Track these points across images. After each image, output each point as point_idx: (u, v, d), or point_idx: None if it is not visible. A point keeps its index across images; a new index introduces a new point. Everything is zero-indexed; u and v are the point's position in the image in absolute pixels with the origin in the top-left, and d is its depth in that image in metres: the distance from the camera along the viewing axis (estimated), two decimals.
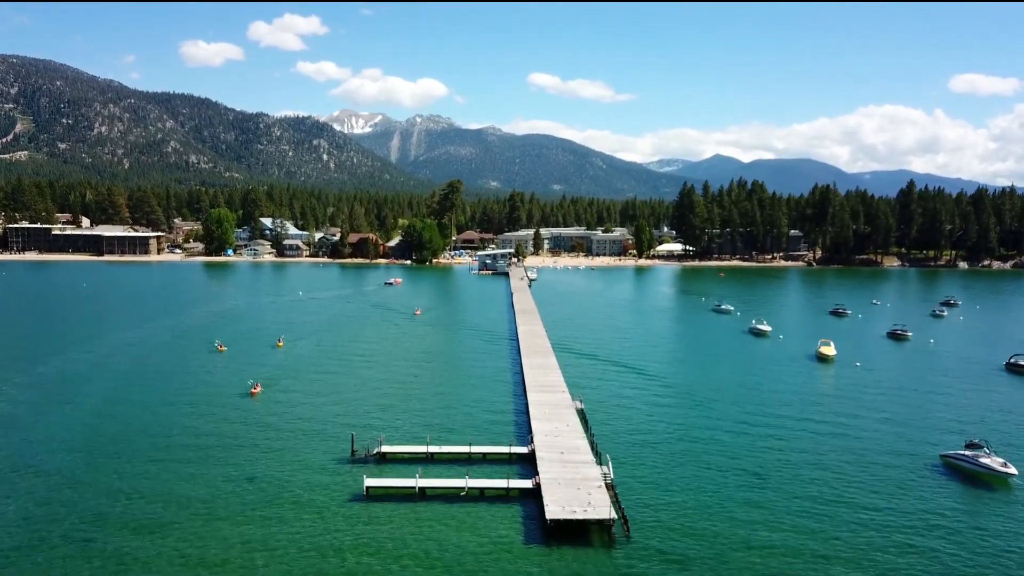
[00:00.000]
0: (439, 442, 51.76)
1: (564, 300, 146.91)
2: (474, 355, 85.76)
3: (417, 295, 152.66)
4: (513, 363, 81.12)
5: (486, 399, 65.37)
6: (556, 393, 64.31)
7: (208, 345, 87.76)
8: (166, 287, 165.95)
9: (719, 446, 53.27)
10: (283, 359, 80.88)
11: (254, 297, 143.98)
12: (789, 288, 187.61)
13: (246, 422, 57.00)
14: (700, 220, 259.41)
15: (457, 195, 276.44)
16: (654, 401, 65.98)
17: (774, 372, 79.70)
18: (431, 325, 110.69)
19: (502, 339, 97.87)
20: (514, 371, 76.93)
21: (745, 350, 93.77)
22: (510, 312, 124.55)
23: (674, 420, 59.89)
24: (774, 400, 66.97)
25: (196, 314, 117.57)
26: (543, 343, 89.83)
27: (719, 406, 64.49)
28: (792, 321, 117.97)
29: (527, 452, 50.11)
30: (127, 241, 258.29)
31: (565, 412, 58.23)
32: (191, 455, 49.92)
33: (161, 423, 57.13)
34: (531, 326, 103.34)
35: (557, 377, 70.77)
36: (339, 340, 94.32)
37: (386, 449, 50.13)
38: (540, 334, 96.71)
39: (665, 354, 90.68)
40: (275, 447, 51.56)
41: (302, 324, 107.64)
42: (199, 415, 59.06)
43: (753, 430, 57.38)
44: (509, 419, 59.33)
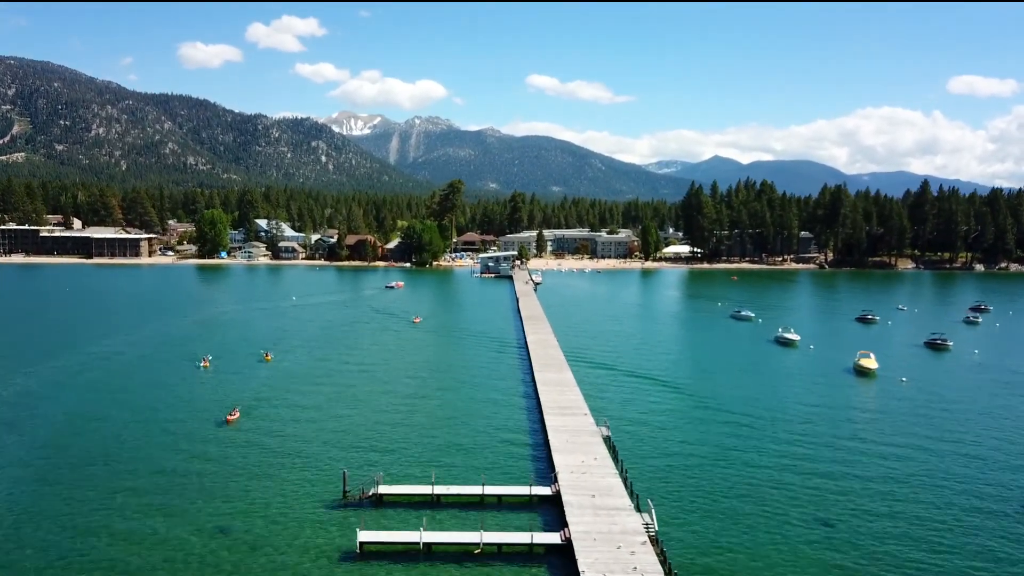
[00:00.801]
0: (446, 480, 44.04)
1: (572, 305, 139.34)
2: (481, 370, 78.04)
3: (417, 300, 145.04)
4: (525, 378, 73.45)
5: (498, 424, 57.67)
6: (577, 416, 56.65)
7: (190, 359, 79.99)
8: (154, 292, 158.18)
9: (772, 482, 45.62)
10: (269, 376, 73.07)
11: (245, 303, 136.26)
12: (805, 292, 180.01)
13: (220, 457, 49.07)
14: (709, 221, 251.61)
15: (458, 195, 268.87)
16: (687, 424, 58.33)
17: (813, 387, 72.07)
18: (433, 333, 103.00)
19: (511, 349, 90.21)
20: (527, 388, 69.25)
21: (775, 362, 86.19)
22: (517, 319, 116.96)
23: (714, 448, 52.25)
24: (821, 421, 59.36)
25: (182, 322, 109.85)
26: (556, 354, 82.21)
27: (761, 429, 56.88)
28: (818, 329, 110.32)
29: (551, 494, 42.42)
30: (117, 243, 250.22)
31: (590, 441, 50.56)
32: (154, 500, 42.18)
33: (125, 453, 49.45)
34: (541, 334, 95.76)
35: (576, 396, 63.13)
36: (332, 352, 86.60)
37: (383, 490, 42.47)
38: (551, 343, 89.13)
39: (689, 366, 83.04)
40: (252, 489, 43.75)
41: (294, 333, 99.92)
42: (169, 446, 51.26)
43: (807, 460, 49.74)
44: (526, 451, 51.57)
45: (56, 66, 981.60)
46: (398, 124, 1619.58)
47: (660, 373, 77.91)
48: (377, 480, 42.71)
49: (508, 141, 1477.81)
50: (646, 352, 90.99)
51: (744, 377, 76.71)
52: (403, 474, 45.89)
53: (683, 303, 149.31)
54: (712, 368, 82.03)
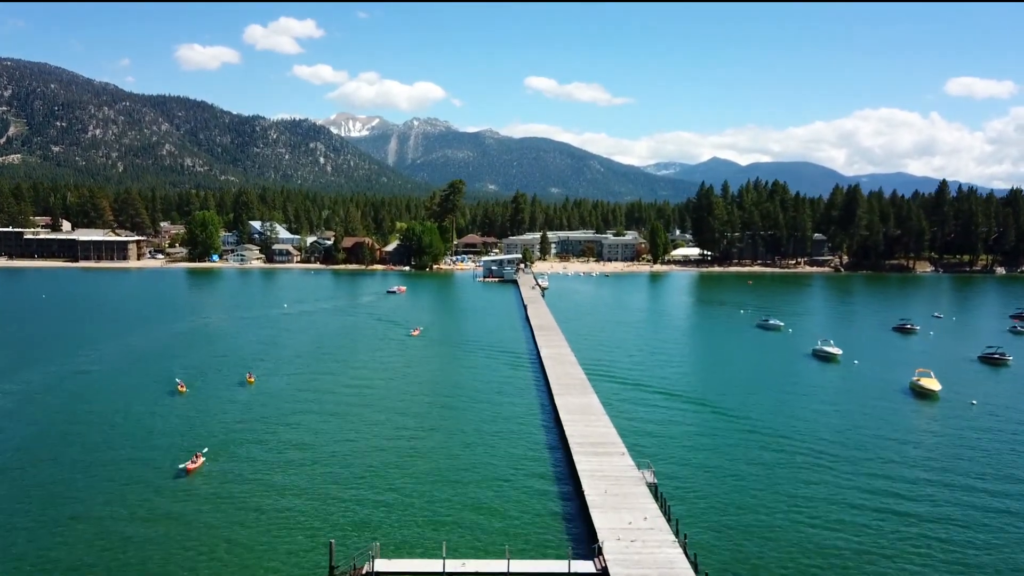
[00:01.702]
0: (460, 551, 34.70)
1: (584, 312, 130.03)
2: (492, 394, 68.48)
3: (417, 308, 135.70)
4: (543, 404, 64.06)
5: (519, 468, 48.17)
6: (612, 456, 47.25)
7: (165, 380, 70.32)
8: (137, 298, 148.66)
9: (867, 547, 36.23)
10: (250, 402, 63.47)
11: (233, 311, 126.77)
12: (826, 297, 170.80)
13: (174, 516, 39.24)
14: (720, 223, 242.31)
15: (459, 196, 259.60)
16: (741, 462, 48.89)
17: (873, 412, 62.72)
18: (435, 347, 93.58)
19: (523, 366, 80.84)
20: (547, 417, 59.88)
21: (819, 379, 76.89)
22: (526, 328, 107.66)
23: (784, 495, 42.89)
24: (903, 459, 49.95)
25: (162, 333, 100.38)
26: (575, 372, 72.85)
27: (831, 467, 47.58)
28: (856, 340, 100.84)
29: (595, 572, 33.09)
30: (104, 246, 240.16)
31: (634, 492, 41.17)
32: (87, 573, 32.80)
33: (57, 509, 39.96)
34: (555, 348, 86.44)
35: (606, 426, 53.76)
36: (323, 371, 77.12)
37: (381, 566, 33.12)
38: (568, 358, 79.81)
39: (723, 383, 73.58)
40: (206, 565, 34.34)
41: (282, 347, 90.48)
42: (114, 499, 41.54)
43: (905, 509, 40.34)
44: (556, 505, 42.03)
45: (53, 67, 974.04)
46: (396, 126, 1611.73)
47: (693, 392, 68.70)
48: (372, 552, 33.38)
49: (507, 143, 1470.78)
50: (673, 367, 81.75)
51: (790, 398, 67.42)
52: (405, 541, 36.47)
53: (702, 310, 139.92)
54: (750, 386, 72.68)
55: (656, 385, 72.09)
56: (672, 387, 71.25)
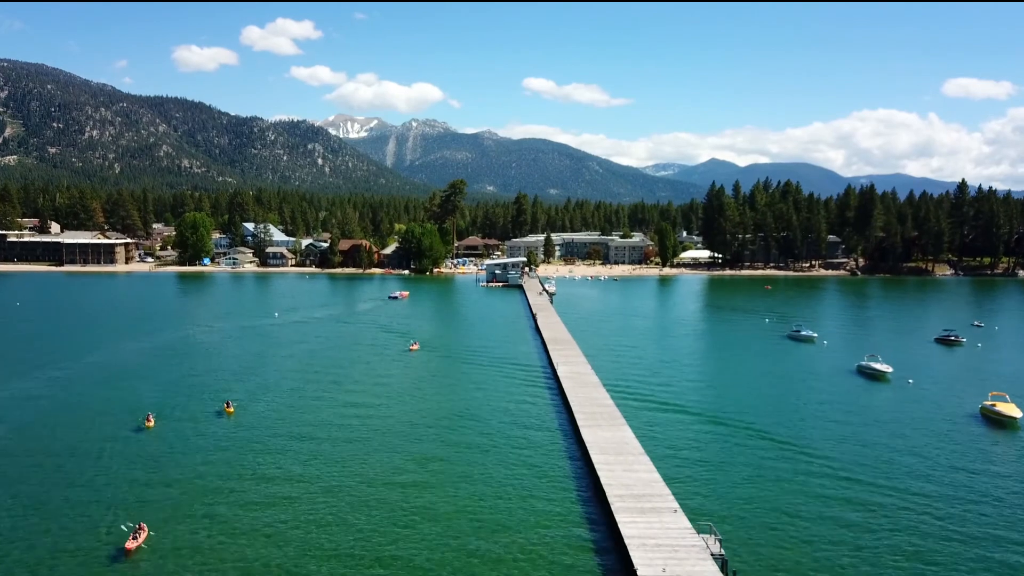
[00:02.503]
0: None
1: (597, 321, 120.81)
2: (506, 426, 59.08)
3: (416, 316, 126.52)
4: (568, 439, 54.75)
5: (545, 533, 38.93)
6: (663, 514, 38.00)
7: (131, 409, 60.88)
8: (118, 305, 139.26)
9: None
10: (224, 441, 53.83)
11: (220, 320, 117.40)
12: (850, 303, 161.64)
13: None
14: (731, 224, 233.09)
15: (460, 197, 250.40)
16: (825, 522, 39.68)
17: (954, 447, 53.48)
18: (437, 364, 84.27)
19: (538, 387, 71.60)
20: (574, 457, 50.60)
21: (878, 404, 67.51)
22: (537, 340, 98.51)
23: (891, 569, 33.74)
24: (1001, 505, 40.84)
25: (138, 347, 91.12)
26: (599, 396, 63.59)
27: (930, 521, 38.39)
28: (902, 354, 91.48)
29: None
30: (90, 249, 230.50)
31: (700, 571, 32.01)
32: None
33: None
34: (573, 365, 77.22)
35: (648, 472, 44.43)
36: (310, 396, 67.80)
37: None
38: (589, 378, 70.56)
39: (770, 407, 64.22)
40: None
41: (269, 365, 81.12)
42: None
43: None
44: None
45: (50, 68, 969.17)
46: (395, 127, 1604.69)
47: (737, 417, 59.64)
48: None
49: (505, 144, 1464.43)
50: (707, 386, 72.58)
51: (849, 427, 58.19)
52: None
53: (723, 318, 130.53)
54: (798, 410, 63.50)
55: (693, 408, 63.06)
56: (713, 411, 62.17)
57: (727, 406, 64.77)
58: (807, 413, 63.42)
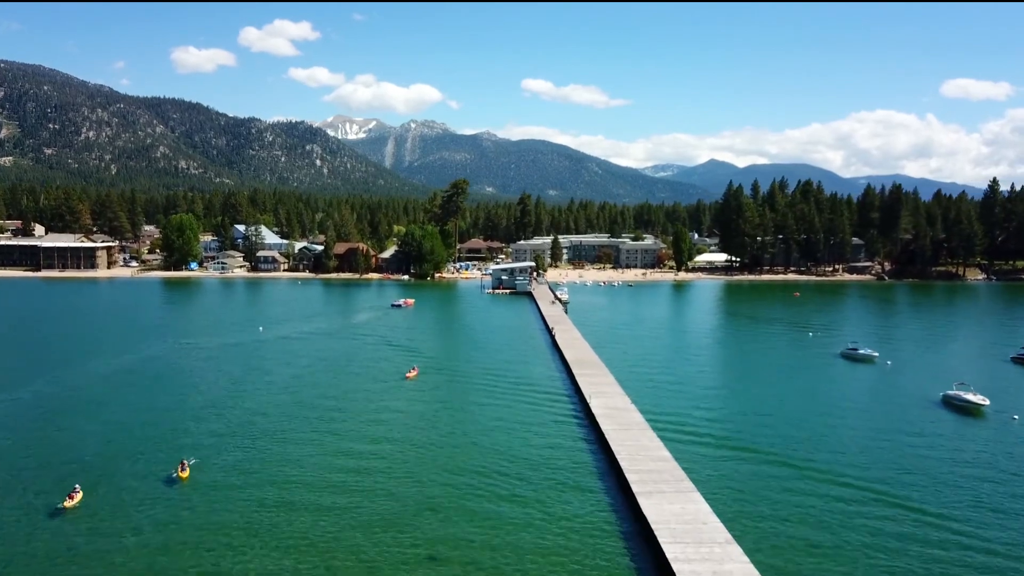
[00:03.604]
0: None
1: (621, 337, 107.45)
2: (536, 485, 45.88)
3: (417, 330, 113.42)
4: (618, 509, 41.62)
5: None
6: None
7: (54, 475, 46.91)
8: (86, 317, 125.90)
9: None
10: (169, 525, 39.83)
11: (196, 336, 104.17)
12: (889, 312, 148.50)
13: None
14: (751, 226, 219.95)
15: (462, 197, 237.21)
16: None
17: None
18: (443, 391, 70.97)
19: (568, 423, 58.45)
20: (630, 537, 37.49)
21: (982, 448, 54.49)
22: (556, 359, 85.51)
23: None
24: None
25: (89, 373, 77.86)
26: (650, 443, 50.26)
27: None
28: (982, 379, 78.34)
29: None
30: (69, 253, 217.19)
31: None
32: None
33: None
34: (607, 395, 64.02)
35: (740, 560, 31.43)
36: (292, 443, 54.36)
37: None
38: (632, 417, 57.18)
39: (866, 455, 50.83)
40: None
41: (244, 398, 67.72)
42: None
43: None
44: None
45: (47, 69, 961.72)
46: (393, 128, 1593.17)
47: (824, 465, 46.73)
48: None
49: (504, 145, 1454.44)
50: (772, 423, 59.17)
51: (967, 482, 45.11)
52: None
53: (760, 331, 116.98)
54: (897, 457, 50.35)
55: (764, 451, 50.40)
56: (789, 456, 49.55)
57: (807, 449, 51.65)
58: (902, 458, 50.54)
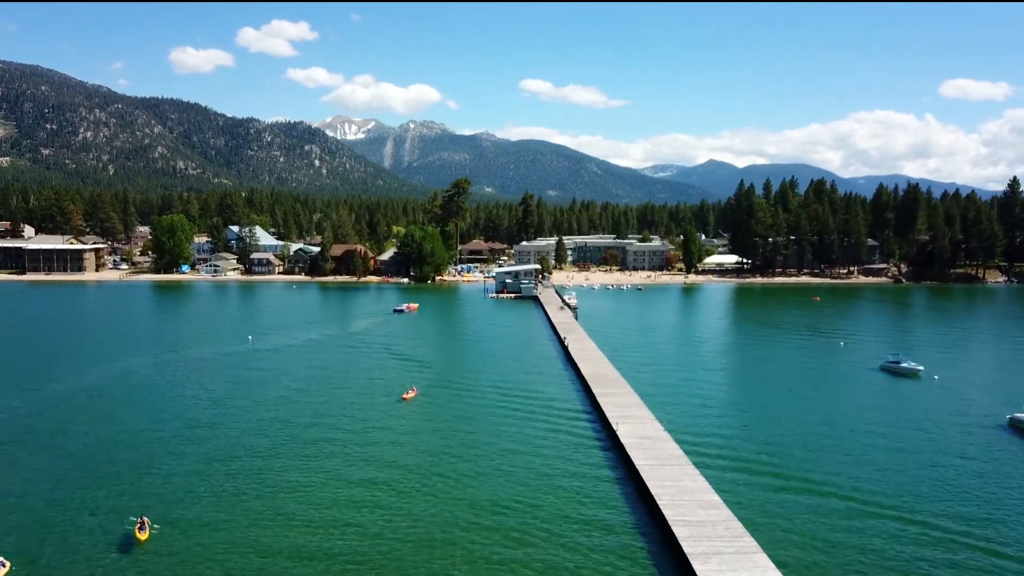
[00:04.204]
0: None
1: (638, 345, 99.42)
2: (563, 547, 38.33)
3: (418, 338, 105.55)
4: (664, 571, 33.91)
5: None
6: None
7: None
8: (62, 325, 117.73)
9: None
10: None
11: (178, 347, 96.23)
12: (925, 320, 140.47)
13: None
14: (764, 227, 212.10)
15: (464, 197, 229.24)
16: None
17: None
18: (446, 415, 63.18)
19: (592, 455, 50.52)
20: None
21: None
22: (570, 373, 77.70)
23: None
24: None
25: (52, 393, 69.96)
26: (694, 483, 42.35)
27: None
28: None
29: None
30: (55, 255, 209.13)
31: None
32: None
33: None
34: (635, 420, 56.02)
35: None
36: (271, 491, 46.58)
37: None
38: (667, 449, 49.20)
39: (938, 489, 43.26)
40: None
41: (219, 429, 59.58)
42: None
43: None
44: None
45: (45, 70, 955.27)
46: (392, 128, 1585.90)
47: (890, 500, 38.65)
48: None
49: (503, 145, 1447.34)
50: (819, 448, 51.29)
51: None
52: None
53: (785, 340, 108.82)
54: (966, 490, 42.62)
55: (828, 484, 42.72)
56: (861, 493, 41.76)
57: (871, 483, 43.82)
58: (995, 499, 42.68)
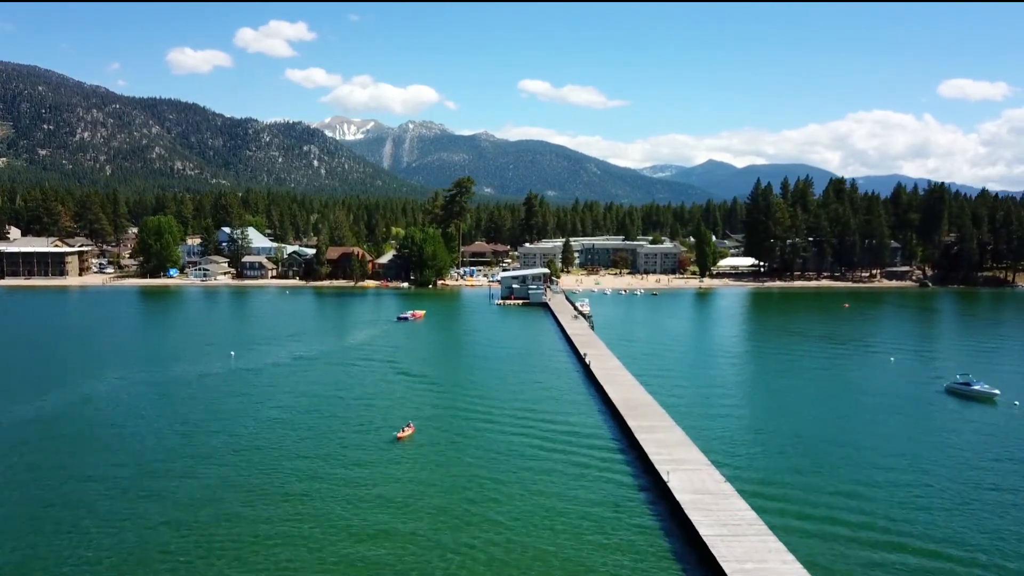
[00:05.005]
0: None
1: (667, 361, 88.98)
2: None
3: (418, 352, 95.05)
4: None
5: None
6: None
7: None
8: (27, 337, 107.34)
9: None
10: None
11: (148, 365, 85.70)
12: (971, 329, 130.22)
13: None
14: (782, 228, 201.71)
15: (466, 197, 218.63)
16: None
17: None
18: (451, 460, 52.79)
19: (641, 522, 40.19)
20: None
21: None
22: (593, 395, 67.35)
23: None
24: None
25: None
26: (785, 566, 32.09)
27: None
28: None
29: None
30: (35, 259, 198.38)
31: None
32: None
33: None
34: (688, 468, 45.48)
35: None
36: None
37: None
38: (735, 510, 38.85)
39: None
40: None
41: (186, 474, 49.29)
42: None
43: None
44: None
45: (42, 70, 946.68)
46: (392, 129, 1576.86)
47: None
48: None
49: (502, 145, 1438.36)
50: (924, 501, 40.97)
51: None
52: None
53: (828, 355, 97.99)
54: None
55: (938, 547, 32.01)
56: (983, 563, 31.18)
57: (986, 545, 33.39)
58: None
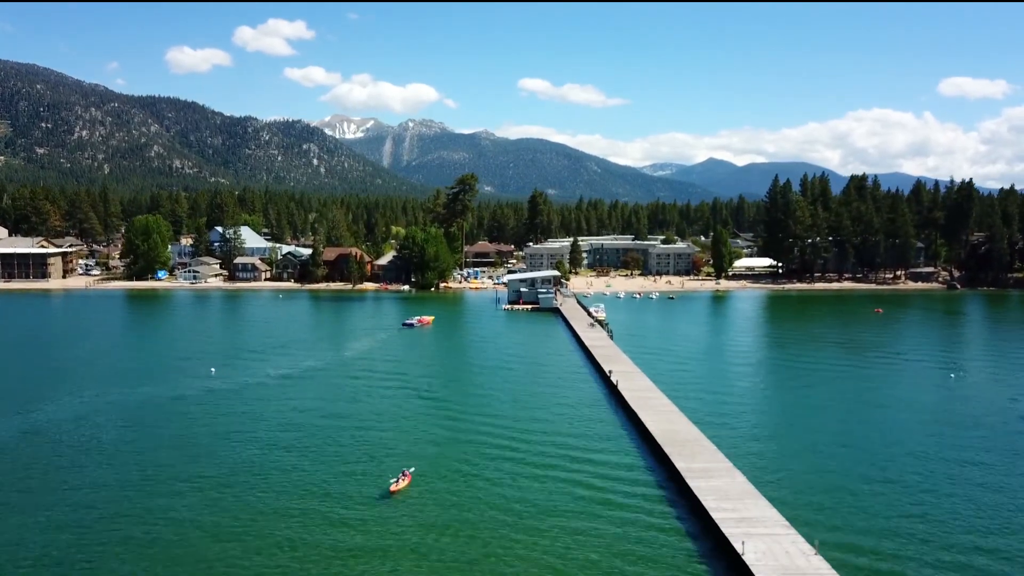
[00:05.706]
0: None
1: (703, 380, 79.18)
2: None
3: (419, 368, 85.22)
4: None
5: None
6: None
7: None
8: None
9: None
10: None
11: (124, 383, 75.98)
12: (1004, 333, 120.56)
13: None
14: (803, 228, 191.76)
15: (470, 195, 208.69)
16: None
17: None
18: (458, 533, 43.09)
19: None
20: None
21: None
22: (630, 430, 57.58)
23: None
24: None
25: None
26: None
27: None
28: None
29: None
30: (15, 260, 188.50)
31: None
32: None
33: None
34: (762, 532, 35.87)
35: None
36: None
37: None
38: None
39: None
40: None
41: (143, 528, 39.64)
42: None
43: None
44: None
45: (40, 68, 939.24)
46: (391, 127, 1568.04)
47: None
48: None
49: (502, 144, 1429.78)
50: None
51: None
52: None
53: (874, 363, 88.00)
54: None
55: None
56: None
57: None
58: None
